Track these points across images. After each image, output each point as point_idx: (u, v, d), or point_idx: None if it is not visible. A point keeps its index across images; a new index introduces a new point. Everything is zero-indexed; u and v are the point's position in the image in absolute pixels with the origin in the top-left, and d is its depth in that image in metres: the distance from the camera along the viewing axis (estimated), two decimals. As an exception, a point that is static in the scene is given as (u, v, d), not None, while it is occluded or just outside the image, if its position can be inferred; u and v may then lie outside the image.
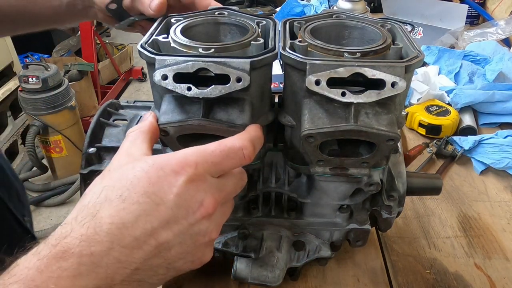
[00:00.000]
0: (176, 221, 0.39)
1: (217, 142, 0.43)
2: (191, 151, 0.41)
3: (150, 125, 0.47)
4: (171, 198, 0.39)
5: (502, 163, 0.96)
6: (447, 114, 1.09)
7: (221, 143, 0.43)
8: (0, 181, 0.64)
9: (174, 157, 0.41)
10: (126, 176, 0.40)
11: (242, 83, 0.45)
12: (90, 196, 0.40)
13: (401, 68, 0.45)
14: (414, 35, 1.67)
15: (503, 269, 0.75)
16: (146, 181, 0.39)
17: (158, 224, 0.38)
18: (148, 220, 0.38)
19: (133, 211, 0.38)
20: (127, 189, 0.39)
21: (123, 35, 4.52)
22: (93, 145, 0.62)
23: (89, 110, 2.88)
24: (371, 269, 0.74)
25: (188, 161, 0.40)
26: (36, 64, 2.40)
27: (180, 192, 0.39)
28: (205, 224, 0.41)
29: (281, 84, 0.55)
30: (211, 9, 0.60)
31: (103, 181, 0.41)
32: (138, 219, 0.38)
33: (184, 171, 0.40)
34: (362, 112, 0.47)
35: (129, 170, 0.40)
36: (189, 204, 0.40)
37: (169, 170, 0.40)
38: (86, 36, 3.04)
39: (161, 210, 0.39)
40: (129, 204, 0.38)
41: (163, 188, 0.39)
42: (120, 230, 0.37)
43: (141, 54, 0.48)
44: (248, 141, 0.44)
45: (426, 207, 0.88)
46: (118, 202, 0.38)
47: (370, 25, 0.56)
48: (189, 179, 0.40)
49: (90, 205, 0.38)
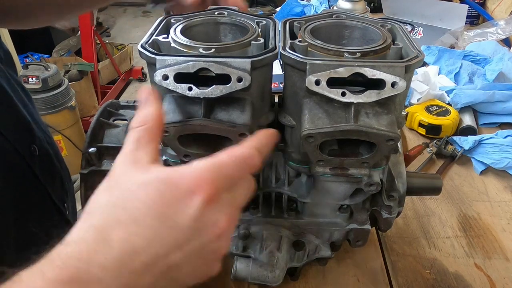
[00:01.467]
0: (188, 243, 0.37)
1: (226, 152, 0.41)
2: (205, 166, 0.39)
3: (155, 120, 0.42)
4: (186, 222, 0.37)
5: (502, 163, 0.96)
6: (447, 114, 1.09)
7: (231, 154, 0.41)
8: (45, 168, 0.63)
9: (189, 173, 0.38)
10: (137, 195, 0.37)
11: (243, 83, 0.45)
12: (98, 214, 0.37)
13: (401, 68, 0.45)
14: (414, 35, 1.67)
15: (503, 269, 0.75)
16: (160, 202, 0.37)
17: (170, 248, 0.37)
18: (161, 244, 0.36)
19: (146, 237, 0.36)
20: (138, 210, 0.36)
21: (123, 35, 4.52)
22: (93, 145, 0.62)
23: (89, 110, 2.88)
24: (371, 269, 0.74)
25: (204, 178, 0.38)
26: (36, 64, 2.40)
27: (196, 215, 0.37)
28: (217, 243, 0.40)
29: (281, 84, 0.55)
30: (211, 9, 0.60)
31: (111, 197, 0.38)
32: (151, 244, 0.36)
33: (200, 191, 0.37)
34: (362, 112, 0.47)
35: (140, 187, 0.38)
36: (204, 226, 0.38)
37: (184, 189, 0.37)
38: (86, 36, 3.04)
39: (174, 234, 0.37)
40: (142, 228, 0.36)
41: (178, 210, 0.37)
42: (130, 256, 0.35)
43: (142, 54, 0.48)
44: (255, 149, 0.42)
45: (426, 207, 0.88)
46: (130, 225, 0.36)
47: (370, 25, 0.56)
48: (205, 200, 0.38)
49: (99, 227, 0.36)
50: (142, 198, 0.37)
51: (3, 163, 0.54)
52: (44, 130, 0.68)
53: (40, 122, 0.69)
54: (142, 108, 0.42)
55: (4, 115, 0.57)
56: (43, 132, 0.67)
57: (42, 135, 0.66)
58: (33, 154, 0.61)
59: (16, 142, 0.57)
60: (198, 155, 0.51)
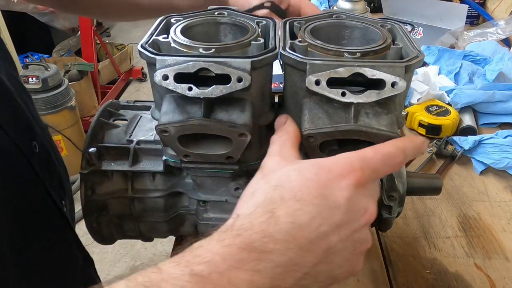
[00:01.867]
0: (343, 226, 0.39)
1: (372, 147, 0.42)
2: (353, 156, 0.41)
3: (295, 131, 0.47)
4: (342, 202, 0.38)
5: (502, 163, 0.96)
6: (447, 114, 1.09)
7: (377, 150, 0.42)
8: (44, 164, 0.64)
9: (339, 161, 0.41)
10: (294, 177, 0.39)
11: (243, 83, 0.45)
12: (261, 195, 0.39)
13: (401, 68, 0.45)
14: (414, 35, 1.67)
15: (503, 269, 0.75)
16: (316, 183, 0.39)
17: (329, 227, 0.38)
18: (321, 223, 0.37)
19: (308, 212, 0.37)
20: (299, 190, 0.38)
21: (123, 35, 4.52)
22: (93, 145, 0.62)
23: (89, 110, 2.88)
24: (371, 269, 0.74)
25: (354, 165, 0.40)
26: (36, 64, 2.40)
27: (350, 196, 0.39)
28: (365, 232, 0.41)
29: (281, 84, 0.55)
30: (211, 9, 0.60)
31: (270, 181, 0.40)
32: (313, 221, 0.37)
33: (351, 175, 0.39)
34: (362, 112, 0.47)
35: (294, 171, 0.40)
36: (357, 210, 0.40)
37: (336, 173, 0.39)
38: (86, 36, 3.04)
39: (333, 213, 0.38)
40: (304, 205, 0.37)
41: (333, 191, 0.39)
42: (296, 230, 0.36)
43: (142, 54, 0.48)
44: (401, 150, 0.43)
45: (426, 207, 0.88)
46: (293, 202, 0.37)
47: (370, 25, 0.56)
48: (356, 184, 0.39)
49: (264, 204, 0.38)
50: (301, 180, 0.39)
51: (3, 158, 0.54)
52: (43, 129, 0.69)
53: (40, 120, 0.70)
54: (281, 127, 0.48)
55: (5, 111, 0.57)
56: (42, 130, 0.67)
57: (42, 133, 0.66)
58: (33, 151, 0.61)
59: (17, 137, 0.57)
60: (198, 155, 0.51)
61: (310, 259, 0.37)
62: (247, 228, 0.36)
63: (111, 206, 0.64)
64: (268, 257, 0.35)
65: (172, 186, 0.64)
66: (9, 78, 0.61)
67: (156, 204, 0.64)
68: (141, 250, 2.24)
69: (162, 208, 0.64)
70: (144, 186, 0.63)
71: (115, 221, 0.65)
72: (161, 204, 0.64)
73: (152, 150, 0.62)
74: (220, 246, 0.35)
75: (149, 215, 0.64)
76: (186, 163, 0.54)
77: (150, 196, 0.63)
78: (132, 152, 0.62)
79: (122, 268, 2.16)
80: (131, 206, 0.63)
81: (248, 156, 0.54)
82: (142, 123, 0.67)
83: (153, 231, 0.67)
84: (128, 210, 0.64)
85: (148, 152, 0.63)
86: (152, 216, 0.65)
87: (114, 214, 0.64)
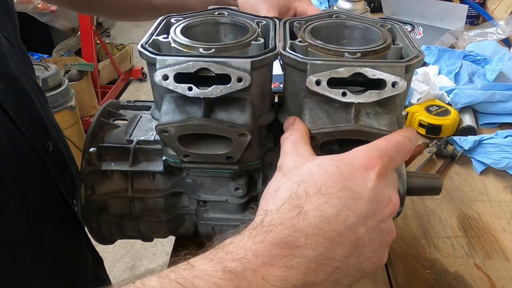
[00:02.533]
0: (370, 216, 0.39)
1: (381, 139, 0.43)
2: (369, 147, 0.41)
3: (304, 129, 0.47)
4: (366, 193, 0.39)
5: (502, 163, 0.96)
6: (447, 114, 1.09)
7: (388, 139, 0.43)
8: (57, 164, 0.65)
9: (357, 153, 0.41)
10: (316, 172, 0.39)
11: (243, 83, 0.45)
12: (285, 191, 0.39)
13: (401, 68, 0.45)
14: (414, 35, 1.67)
15: (503, 269, 0.75)
16: (339, 176, 0.39)
17: (356, 219, 0.38)
18: (348, 214, 0.38)
19: (335, 205, 0.37)
20: (322, 184, 0.38)
21: (123, 35, 4.52)
22: (93, 145, 0.62)
23: (89, 110, 2.88)
24: (371, 269, 0.74)
25: (373, 155, 0.40)
26: (36, 64, 2.39)
27: (374, 186, 0.39)
28: (389, 222, 0.41)
29: (281, 84, 0.55)
30: (211, 9, 0.60)
31: (292, 178, 0.40)
32: (340, 213, 0.37)
33: (373, 165, 0.40)
34: (362, 112, 0.47)
35: (315, 166, 0.40)
36: (381, 199, 0.40)
37: (358, 165, 0.40)
38: (86, 36, 3.04)
39: (359, 204, 0.38)
40: (329, 198, 0.38)
41: (357, 182, 0.39)
42: (324, 224, 0.36)
43: (142, 54, 0.48)
44: (407, 138, 0.44)
45: (426, 207, 0.88)
46: (318, 197, 0.38)
47: (370, 25, 0.56)
48: (379, 173, 0.40)
49: (291, 199, 0.38)
50: (323, 174, 0.39)
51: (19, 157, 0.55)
52: (56, 128, 0.70)
53: (53, 120, 0.71)
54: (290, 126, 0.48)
55: (23, 112, 0.58)
56: (55, 129, 0.68)
57: (55, 132, 0.67)
58: (47, 150, 0.62)
59: (32, 137, 0.58)
60: (198, 155, 0.51)
61: (340, 252, 0.37)
62: (277, 224, 0.36)
63: (111, 206, 0.64)
64: (300, 252, 0.35)
65: (172, 186, 0.64)
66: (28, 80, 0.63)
67: (156, 204, 0.64)
68: (141, 250, 2.24)
69: (162, 208, 0.64)
70: (144, 186, 0.63)
71: (115, 221, 0.65)
72: (161, 204, 0.64)
73: (152, 150, 0.62)
74: (252, 243, 0.35)
75: (149, 215, 0.64)
76: (186, 163, 0.54)
77: (150, 196, 0.63)
78: (132, 152, 0.62)
79: (122, 268, 2.16)
80: (131, 206, 0.63)
81: (248, 156, 0.54)
82: (142, 123, 0.67)
83: (153, 231, 0.67)
84: (128, 210, 0.64)
85: (148, 152, 0.63)
86: (152, 216, 0.65)
87: (114, 214, 0.64)
